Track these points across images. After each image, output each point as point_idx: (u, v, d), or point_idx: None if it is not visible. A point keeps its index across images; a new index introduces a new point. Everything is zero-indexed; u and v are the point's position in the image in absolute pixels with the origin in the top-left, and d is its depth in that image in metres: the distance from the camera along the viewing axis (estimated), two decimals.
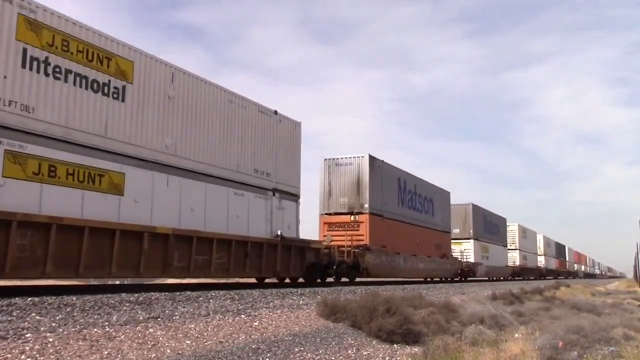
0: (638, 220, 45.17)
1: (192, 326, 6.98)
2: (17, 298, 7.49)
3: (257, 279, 17.58)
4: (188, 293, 9.98)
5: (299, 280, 17.70)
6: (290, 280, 17.76)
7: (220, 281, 16.49)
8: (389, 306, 9.38)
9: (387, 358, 7.91)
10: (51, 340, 5.43)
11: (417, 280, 27.30)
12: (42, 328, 5.78)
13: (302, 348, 7.26)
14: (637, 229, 33.30)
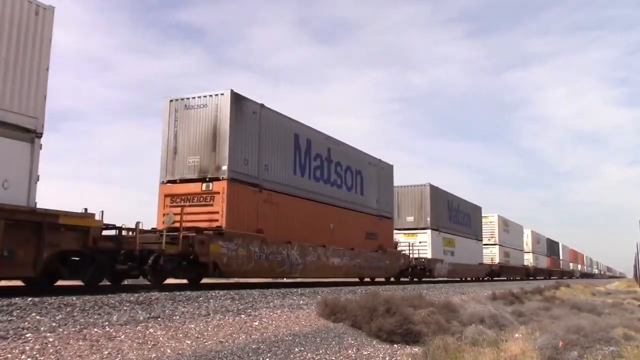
0: (638, 220, 45.17)
1: (192, 326, 6.98)
2: (17, 298, 7.49)
3: None
4: (188, 293, 9.99)
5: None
6: None
7: (220, 281, 16.42)
8: (389, 306, 9.39)
9: (388, 358, 7.92)
10: (51, 340, 5.43)
11: (328, 281, 20.03)
12: (42, 328, 5.78)
13: (303, 348, 7.26)
14: (637, 229, 33.21)
